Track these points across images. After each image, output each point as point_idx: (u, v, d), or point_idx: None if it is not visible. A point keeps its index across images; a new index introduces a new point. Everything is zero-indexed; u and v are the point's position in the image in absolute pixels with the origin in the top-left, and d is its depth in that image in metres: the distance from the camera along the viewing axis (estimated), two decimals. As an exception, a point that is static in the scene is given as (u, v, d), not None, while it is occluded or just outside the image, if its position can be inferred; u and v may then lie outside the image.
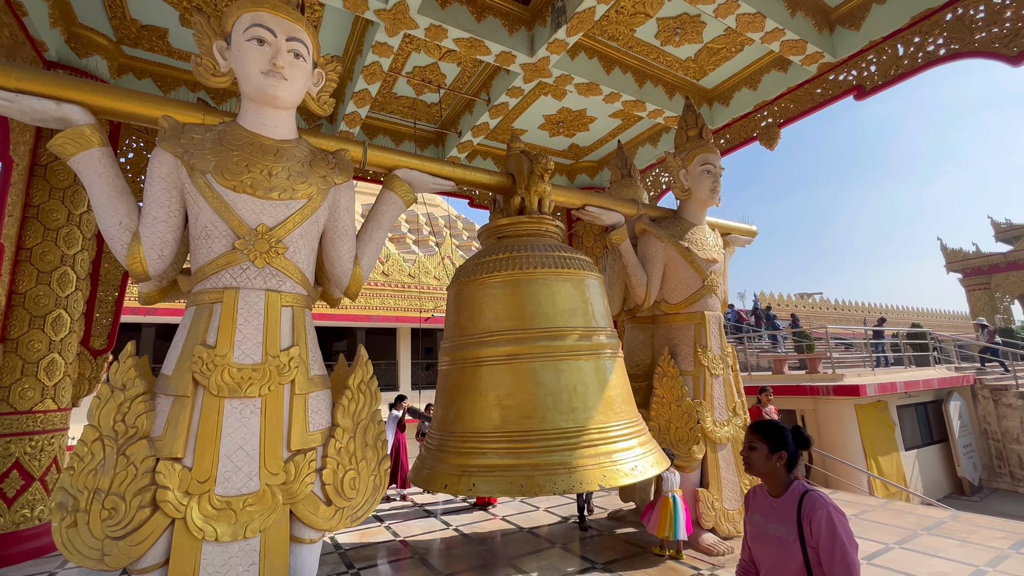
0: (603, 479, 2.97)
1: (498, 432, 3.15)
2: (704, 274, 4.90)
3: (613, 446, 3.18)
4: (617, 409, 3.38)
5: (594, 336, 3.50)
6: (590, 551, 4.39)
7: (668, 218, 5.21)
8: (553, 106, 7.22)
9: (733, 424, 4.80)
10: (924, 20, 5.13)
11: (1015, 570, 3.63)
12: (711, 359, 4.80)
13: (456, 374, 3.50)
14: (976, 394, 11.18)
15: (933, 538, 4.36)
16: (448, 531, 5.20)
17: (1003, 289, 20.50)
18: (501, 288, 3.49)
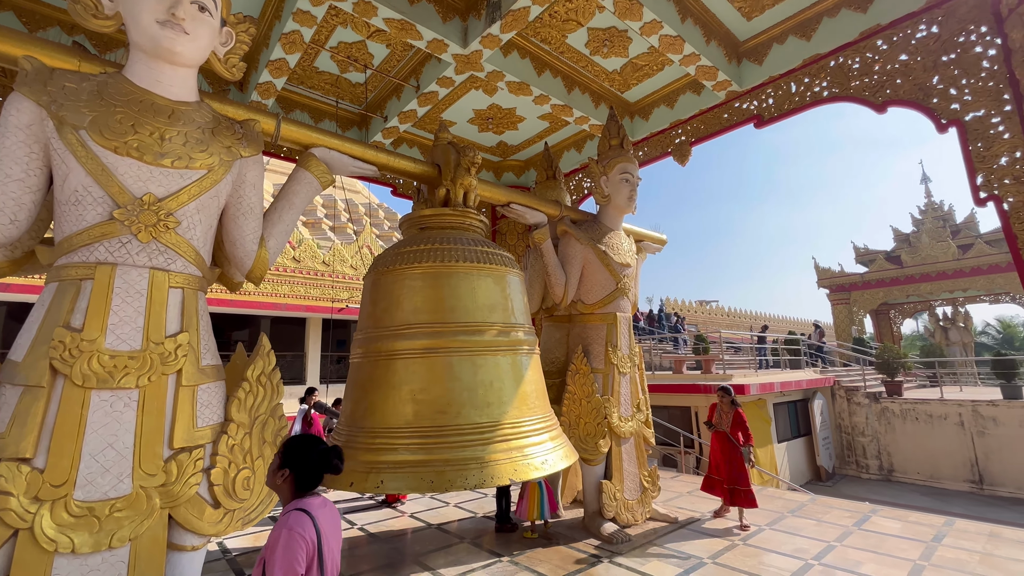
0: (514, 473, 3.01)
1: (410, 427, 3.07)
2: (618, 277, 5.15)
3: (525, 440, 3.24)
4: (531, 404, 3.45)
5: (512, 332, 3.53)
6: (499, 545, 4.45)
7: (588, 222, 5.41)
8: (484, 101, 7.19)
9: (636, 419, 5.11)
10: (813, 64, 5.80)
11: (857, 544, 4.24)
12: (620, 358, 5.07)
13: (369, 367, 3.37)
14: (834, 394, 12.98)
15: (796, 519, 4.97)
16: (352, 530, 4.99)
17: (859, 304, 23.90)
18: (421, 280, 3.41)
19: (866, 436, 12.05)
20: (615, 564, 3.92)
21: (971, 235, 21.16)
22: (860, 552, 4.05)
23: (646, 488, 5.00)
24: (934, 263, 21.03)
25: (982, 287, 20.24)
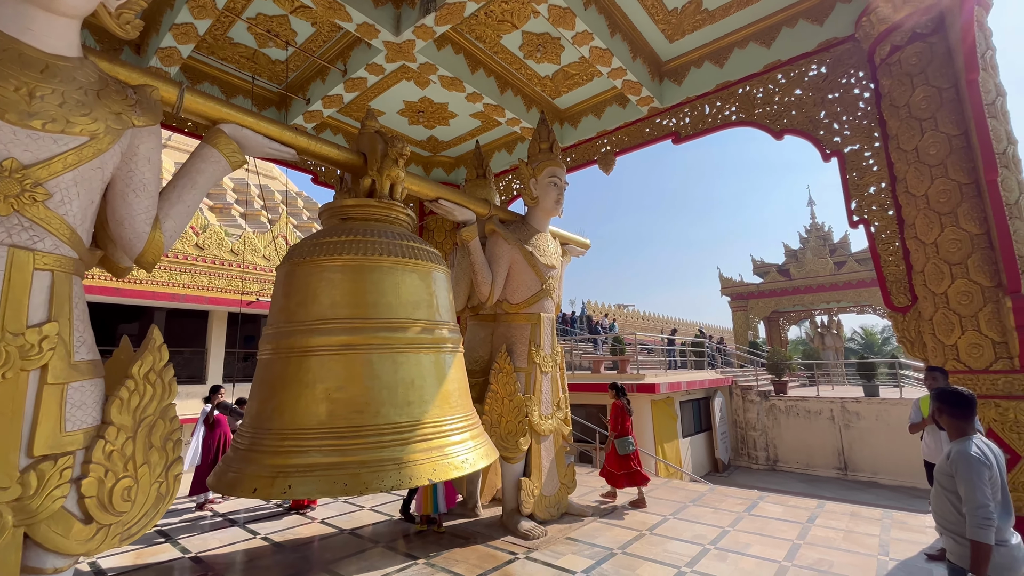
0: (434, 473, 2.96)
1: (324, 428, 2.91)
2: (543, 278, 5.26)
3: (446, 439, 3.19)
4: (453, 403, 3.41)
5: (436, 330, 3.47)
6: (414, 547, 4.35)
7: (516, 222, 5.47)
8: (415, 93, 7.02)
9: (556, 417, 5.25)
10: (724, 89, 6.33)
11: (747, 528, 4.67)
12: (543, 357, 5.17)
13: (279, 364, 3.14)
14: (732, 392, 14.27)
15: (696, 508, 5.38)
16: (255, 541, 4.63)
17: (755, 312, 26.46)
18: (341, 273, 3.24)
19: (756, 430, 13.38)
20: (531, 560, 3.99)
21: (845, 254, 24.22)
22: (749, 535, 4.47)
23: (563, 484, 5.15)
24: (815, 277, 23.81)
25: (851, 299, 23.27)
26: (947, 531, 2.14)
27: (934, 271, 4.64)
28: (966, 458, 2.05)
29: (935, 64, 4.65)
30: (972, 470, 2.02)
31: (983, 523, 1.95)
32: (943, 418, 2.22)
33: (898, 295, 5.12)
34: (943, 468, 2.17)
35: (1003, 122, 4.55)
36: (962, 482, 2.03)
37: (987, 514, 1.96)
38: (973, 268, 4.40)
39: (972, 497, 1.99)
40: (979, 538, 1.96)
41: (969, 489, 2.00)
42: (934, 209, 4.65)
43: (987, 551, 1.95)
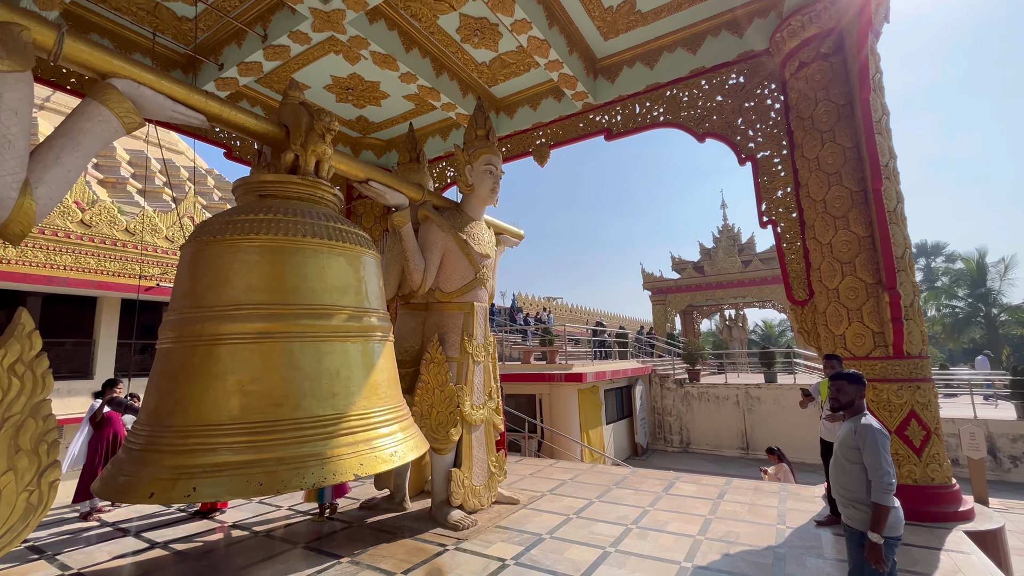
0: (360, 468, 2.81)
1: (236, 423, 2.65)
2: (477, 267, 5.20)
3: (374, 432, 3.05)
4: (382, 394, 3.27)
5: (365, 318, 3.30)
6: (337, 546, 4.14)
7: (450, 210, 5.35)
8: (344, 68, 6.62)
9: (488, 407, 5.23)
10: (653, 91, 6.60)
11: (665, 507, 4.96)
12: (475, 347, 5.12)
13: (183, 354, 2.82)
14: (651, 380, 15.16)
15: (620, 490, 5.63)
16: (152, 551, 4.17)
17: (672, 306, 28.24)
18: (258, 254, 2.97)
19: (672, 416, 14.33)
20: (460, 550, 3.95)
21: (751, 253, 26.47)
22: (667, 513, 4.75)
23: (493, 473, 5.15)
24: (726, 274, 25.83)
25: (755, 295, 25.54)
26: (849, 500, 2.39)
27: (828, 269, 5.17)
28: (874, 431, 2.32)
29: (835, 82, 5.14)
30: (879, 442, 2.29)
31: (888, 488, 2.23)
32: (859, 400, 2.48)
33: (798, 290, 5.64)
34: (848, 443, 2.41)
35: (886, 138, 5.15)
36: (870, 453, 2.29)
37: (891, 479, 2.23)
38: (859, 267, 4.95)
39: (879, 465, 2.26)
40: (884, 501, 2.23)
41: (876, 458, 2.27)
42: (830, 213, 5.16)
43: (887, 512, 2.23)
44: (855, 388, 2.50)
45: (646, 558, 3.72)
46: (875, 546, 2.23)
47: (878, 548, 2.21)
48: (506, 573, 3.50)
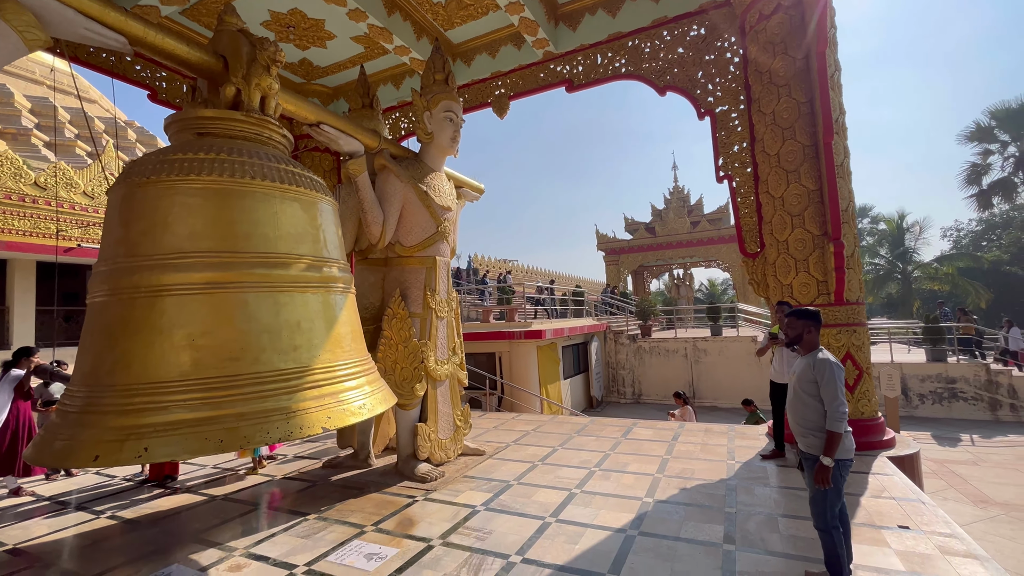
0: (328, 421, 2.72)
1: (188, 380, 2.47)
2: (439, 220, 5.02)
3: (340, 385, 2.94)
4: (346, 347, 3.14)
5: (325, 268, 3.12)
6: (301, 503, 4.07)
7: (409, 159, 5.09)
8: (284, 2, 6.00)
9: (452, 362, 5.20)
10: (615, 40, 6.44)
11: (625, 450, 5.19)
12: (438, 302, 5.02)
13: (120, 307, 2.56)
14: (606, 337, 15.68)
15: (581, 437, 5.84)
16: (99, 521, 3.94)
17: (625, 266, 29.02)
18: (202, 197, 2.70)
19: (625, 369, 14.98)
20: (430, 500, 3.99)
21: (699, 214, 27.39)
22: (627, 456, 4.98)
23: (459, 426, 5.18)
24: (675, 234, 26.67)
25: (703, 255, 26.64)
26: (808, 430, 2.55)
27: (779, 222, 5.38)
28: (831, 365, 2.47)
29: (793, 35, 5.19)
30: (836, 374, 2.44)
31: (842, 416, 2.40)
32: (811, 335, 2.61)
33: (751, 243, 5.86)
34: (806, 376, 2.56)
35: (838, 93, 5.31)
36: (827, 385, 2.44)
37: (844, 408, 2.41)
38: (808, 219, 5.18)
39: (835, 396, 2.42)
40: (837, 428, 2.40)
41: (832, 390, 2.43)
42: (783, 167, 5.32)
43: (839, 439, 2.41)
44: (803, 323, 2.63)
45: (610, 496, 3.89)
46: (824, 468, 2.41)
47: (827, 470, 2.39)
48: (477, 519, 3.57)
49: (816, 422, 2.53)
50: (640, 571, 2.75)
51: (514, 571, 2.80)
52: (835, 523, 2.36)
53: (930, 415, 11.18)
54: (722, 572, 2.70)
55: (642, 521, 3.40)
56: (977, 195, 24.86)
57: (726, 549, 2.96)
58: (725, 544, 3.03)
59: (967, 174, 24.99)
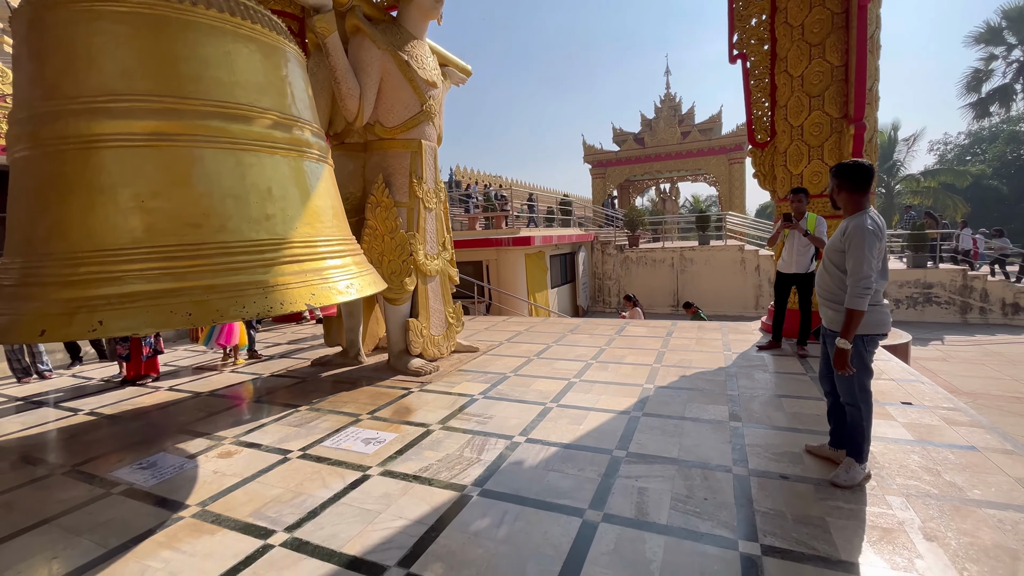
0: (312, 297, 2.43)
1: (142, 248, 2.11)
2: (423, 98, 4.45)
3: (323, 263, 2.63)
4: (327, 223, 2.78)
5: (295, 129, 2.66)
6: (291, 397, 3.93)
7: (386, 22, 4.38)
8: None
9: (442, 258, 4.90)
10: None
11: (620, 345, 5.14)
12: (426, 192, 4.60)
13: (47, 163, 2.12)
14: (593, 247, 15.52)
15: (574, 335, 5.78)
16: (77, 417, 3.75)
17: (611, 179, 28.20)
18: (131, 25, 2.16)
19: (611, 279, 15.01)
20: (426, 391, 3.88)
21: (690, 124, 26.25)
22: (622, 350, 4.93)
23: (451, 324, 5.01)
24: (665, 145, 25.70)
25: (691, 167, 25.92)
26: (828, 302, 2.35)
27: (796, 104, 4.94)
28: (862, 232, 2.16)
29: None
30: (865, 243, 2.14)
31: (863, 293, 2.14)
32: (842, 195, 2.30)
33: (760, 131, 5.45)
34: (835, 245, 2.30)
35: (877, -52, 4.65)
36: (853, 251, 2.17)
37: (868, 284, 2.14)
38: (828, 100, 4.76)
39: (859, 269, 2.14)
40: (855, 306, 2.15)
41: (858, 262, 2.15)
42: (806, 40, 4.78)
43: (859, 317, 2.17)
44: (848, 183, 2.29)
45: (610, 384, 3.83)
46: (841, 352, 2.20)
47: (844, 353, 2.19)
48: (475, 406, 3.48)
49: (839, 295, 2.30)
50: (649, 446, 2.69)
51: (519, 450, 2.72)
52: (864, 397, 2.24)
53: (905, 319, 11.58)
54: (731, 446, 2.66)
55: (645, 404, 3.35)
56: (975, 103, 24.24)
57: (733, 426, 2.93)
58: (731, 421, 2.99)
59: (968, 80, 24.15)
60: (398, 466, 2.60)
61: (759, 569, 1.69)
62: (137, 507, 2.33)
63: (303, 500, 2.30)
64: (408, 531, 2.01)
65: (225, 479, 2.55)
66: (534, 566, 1.76)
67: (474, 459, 2.63)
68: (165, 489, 2.49)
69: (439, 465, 2.58)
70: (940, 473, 2.29)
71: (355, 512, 2.17)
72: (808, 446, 2.57)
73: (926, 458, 2.44)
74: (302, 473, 2.58)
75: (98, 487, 2.56)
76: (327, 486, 2.42)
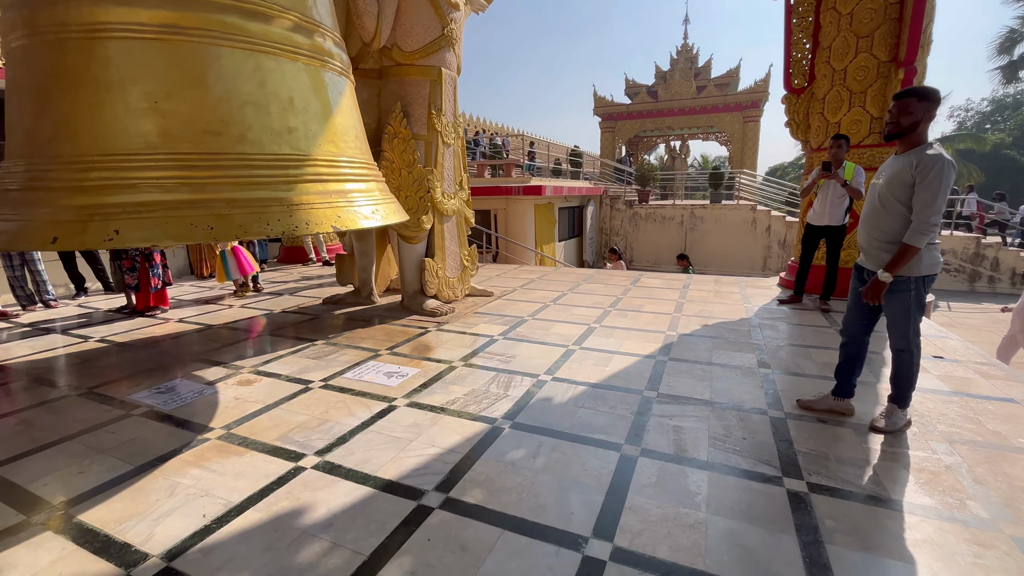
0: (338, 220, 2.28)
1: (157, 154, 1.94)
2: (445, 20, 4.12)
3: (348, 185, 2.46)
4: (351, 143, 2.59)
5: (316, 35, 2.42)
6: (306, 332, 3.85)
7: (405, -70, 3.99)
8: None
9: (459, 197, 4.71)
10: None
11: (637, 295, 5.05)
12: (445, 125, 4.36)
13: (47, 53, 1.92)
14: (602, 201, 15.20)
15: (589, 284, 5.68)
16: (87, 344, 3.68)
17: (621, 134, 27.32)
18: None
19: (619, 235, 14.79)
20: (444, 331, 3.81)
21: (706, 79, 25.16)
22: (640, 299, 4.84)
23: (466, 267, 4.89)
24: (679, 99, 24.73)
25: (704, 124, 25.07)
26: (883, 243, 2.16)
27: (841, 46, 4.62)
28: (941, 164, 1.98)
29: None
30: (944, 177, 1.97)
31: (929, 229, 1.99)
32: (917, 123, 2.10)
33: (798, 76, 5.13)
34: (902, 178, 2.11)
35: None
36: (928, 186, 1.99)
37: (936, 221, 2.00)
38: (877, 41, 4.43)
39: (931, 204, 1.98)
40: (915, 242, 2.01)
41: (932, 196, 1.98)
42: (861, -28, 4.40)
43: (914, 254, 2.03)
44: (924, 107, 2.10)
45: (631, 330, 3.76)
46: (879, 284, 2.08)
47: (881, 286, 2.08)
48: (496, 346, 3.41)
49: (898, 234, 2.13)
50: (679, 388, 2.64)
51: (546, 387, 2.67)
52: (917, 341, 2.15)
53: (910, 285, 11.52)
54: (763, 391, 2.61)
55: (670, 349, 3.28)
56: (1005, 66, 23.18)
57: (762, 372, 2.87)
58: (761, 368, 2.93)
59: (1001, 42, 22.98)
60: (424, 398, 2.55)
61: (808, 505, 1.65)
62: (159, 427, 2.28)
63: (330, 427, 2.25)
64: (443, 458, 1.96)
65: (247, 405, 2.50)
66: (577, 495, 1.72)
67: (501, 394, 2.58)
68: (187, 413, 2.44)
69: (466, 399, 2.53)
70: (982, 422, 2.24)
71: (385, 439, 2.12)
72: (801, 400, 2.43)
73: (966, 408, 2.39)
74: (326, 402, 2.52)
75: (117, 408, 2.50)
76: (353, 414, 2.37)
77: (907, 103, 2.09)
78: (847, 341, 2.39)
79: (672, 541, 1.48)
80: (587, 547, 1.47)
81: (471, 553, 1.45)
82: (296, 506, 1.68)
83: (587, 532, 1.53)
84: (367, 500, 1.71)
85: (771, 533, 1.52)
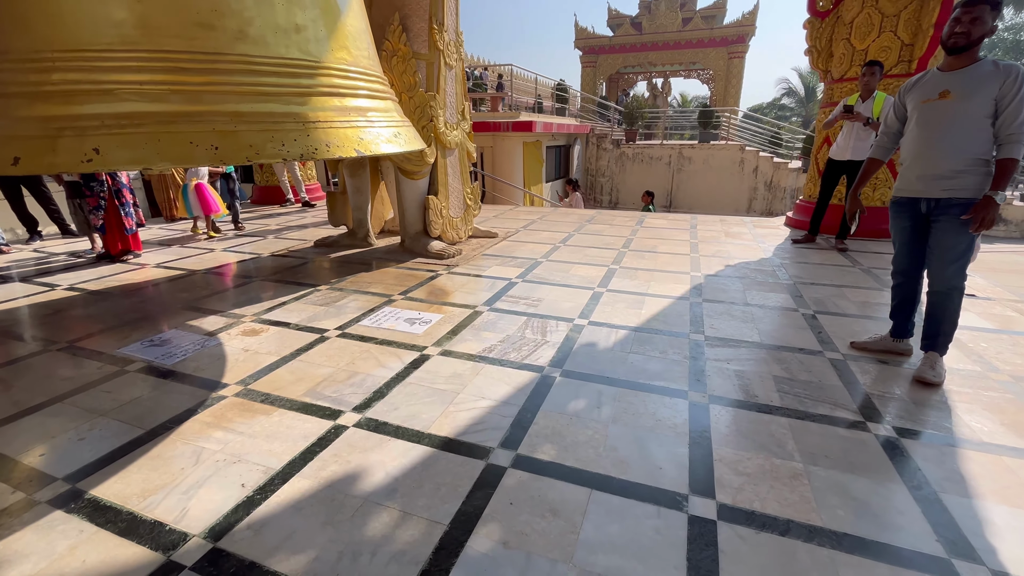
0: (360, 143, 1.94)
1: (138, 51, 1.54)
2: (446, -88, 3.53)
3: (365, 102, 2.09)
4: (364, 52, 2.18)
5: (319, -93, 1.94)
6: (304, 276, 3.53)
7: None
8: None
9: (461, 128, 4.30)
10: None
11: (645, 236, 4.86)
12: (447, 44, 3.87)
13: (-29, -96, 1.43)
14: (588, 140, 14.66)
15: (593, 225, 5.44)
16: (55, 292, 3.27)
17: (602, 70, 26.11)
18: None
19: (604, 176, 14.42)
20: (455, 274, 3.55)
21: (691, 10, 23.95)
22: (651, 240, 4.66)
23: (469, 206, 4.56)
24: (663, 32, 23.59)
25: (688, 59, 24.15)
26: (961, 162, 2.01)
27: (877, -40, 4.25)
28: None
29: None
30: None
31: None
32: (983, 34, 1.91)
33: (824, -3, 4.76)
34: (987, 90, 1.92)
35: None
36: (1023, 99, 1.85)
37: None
38: (919, -45, 4.09)
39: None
40: (1018, 155, 1.89)
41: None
42: None
43: (1015, 166, 1.92)
44: (995, 16, 1.93)
45: (654, 271, 3.59)
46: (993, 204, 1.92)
47: (995, 207, 1.95)
48: (518, 289, 3.19)
49: (978, 153, 1.97)
50: (725, 330, 2.51)
51: (585, 332, 2.49)
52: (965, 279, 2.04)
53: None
54: (811, 332, 2.50)
55: (701, 291, 3.14)
56: None
57: (803, 312, 2.77)
58: (800, 309, 2.83)
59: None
60: (457, 346, 2.34)
61: (903, 451, 1.56)
62: (163, 384, 2.01)
63: (362, 379, 2.02)
64: (498, 411, 1.78)
65: (261, 357, 2.24)
66: (658, 447, 1.58)
67: (540, 340, 2.39)
68: (191, 367, 2.16)
69: (503, 346, 2.33)
70: (1038, 360, 2.20)
71: (428, 392, 1.92)
72: (855, 343, 2.34)
73: (1017, 345, 2.35)
74: (349, 352, 2.28)
75: (108, 364, 2.20)
76: (384, 365, 2.15)
77: (981, 11, 1.88)
78: (902, 282, 2.27)
79: (778, 495, 1.37)
80: (689, 506, 1.33)
81: (564, 518, 1.29)
82: (348, 470, 1.48)
83: (684, 489, 1.40)
84: (428, 461, 1.53)
85: (879, 483, 1.42)
